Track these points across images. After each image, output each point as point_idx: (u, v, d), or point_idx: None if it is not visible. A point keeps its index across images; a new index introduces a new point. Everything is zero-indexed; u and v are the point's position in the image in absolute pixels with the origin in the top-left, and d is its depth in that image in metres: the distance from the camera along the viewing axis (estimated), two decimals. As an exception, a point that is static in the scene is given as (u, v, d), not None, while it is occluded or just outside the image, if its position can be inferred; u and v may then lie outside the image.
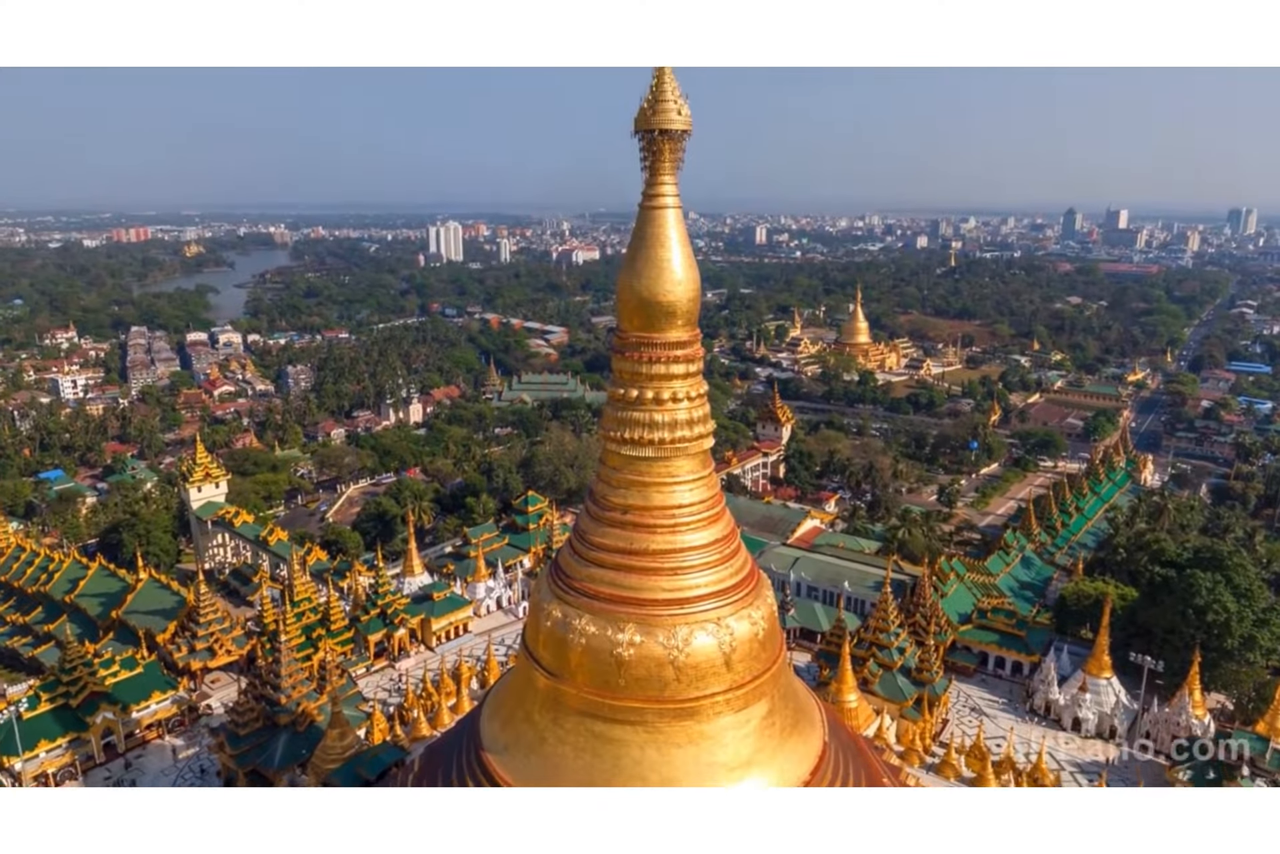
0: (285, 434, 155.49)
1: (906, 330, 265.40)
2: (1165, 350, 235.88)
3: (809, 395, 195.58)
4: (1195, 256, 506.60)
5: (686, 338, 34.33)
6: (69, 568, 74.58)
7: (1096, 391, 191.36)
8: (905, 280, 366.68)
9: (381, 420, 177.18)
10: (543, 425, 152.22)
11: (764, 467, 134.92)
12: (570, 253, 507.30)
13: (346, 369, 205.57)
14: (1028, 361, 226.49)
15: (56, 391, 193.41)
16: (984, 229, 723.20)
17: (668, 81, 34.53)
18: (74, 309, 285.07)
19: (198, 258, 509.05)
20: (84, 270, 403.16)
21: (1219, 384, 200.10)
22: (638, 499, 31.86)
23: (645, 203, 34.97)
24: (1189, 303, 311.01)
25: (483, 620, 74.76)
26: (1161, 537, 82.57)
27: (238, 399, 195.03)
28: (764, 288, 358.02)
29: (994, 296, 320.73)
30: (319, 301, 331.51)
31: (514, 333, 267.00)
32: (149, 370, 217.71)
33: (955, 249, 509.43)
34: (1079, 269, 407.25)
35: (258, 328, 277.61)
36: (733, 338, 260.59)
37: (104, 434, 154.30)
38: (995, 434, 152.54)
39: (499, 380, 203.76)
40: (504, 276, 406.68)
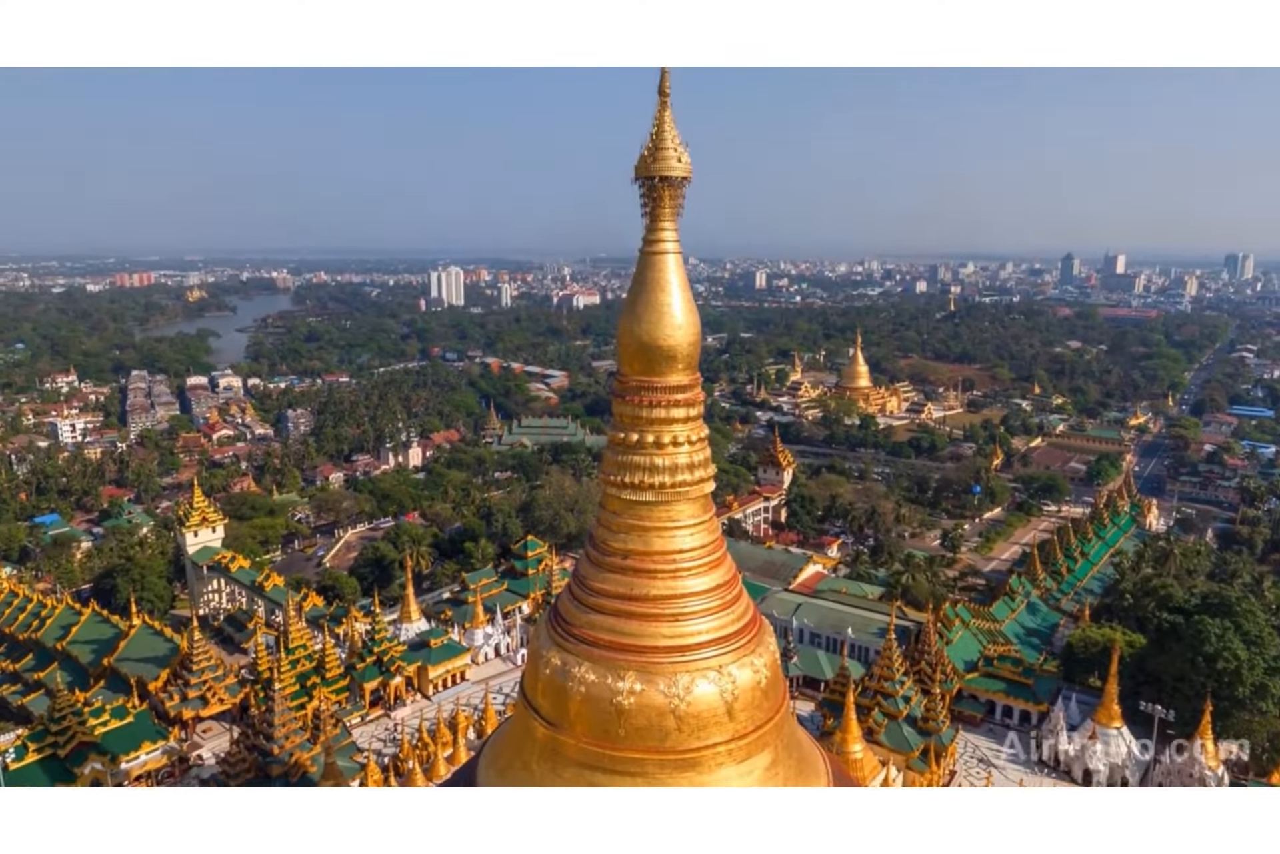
0: (283, 478, 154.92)
1: (907, 374, 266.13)
2: (1166, 394, 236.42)
3: (810, 439, 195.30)
4: (1194, 301, 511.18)
5: (687, 382, 34.19)
6: (61, 614, 73.60)
7: (1099, 435, 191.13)
8: (905, 324, 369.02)
9: (381, 464, 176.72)
10: (543, 469, 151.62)
11: (765, 511, 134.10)
12: (571, 297, 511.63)
13: (346, 413, 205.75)
14: (1029, 405, 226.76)
15: (55, 435, 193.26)
16: (982, 274, 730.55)
17: (668, 129, 34.95)
18: (75, 353, 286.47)
19: (200, 302, 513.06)
20: (86, 314, 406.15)
21: (1221, 428, 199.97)
22: (638, 544, 31.41)
23: (645, 248, 35.09)
24: (1189, 347, 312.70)
25: (480, 668, 73.51)
26: (1169, 582, 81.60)
27: (236, 443, 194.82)
28: (764, 332, 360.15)
29: (994, 341, 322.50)
30: (320, 346, 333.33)
31: (514, 377, 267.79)
32: (148, 414, 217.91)
33: (954, 293, 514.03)
34: (1078, 313, 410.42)
35: (258, 372, 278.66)
36: (733, 382, 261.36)
37: (101, 478, 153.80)
38: (998, 478, 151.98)
39: (499, 424, 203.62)
40: (505, 321, 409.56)
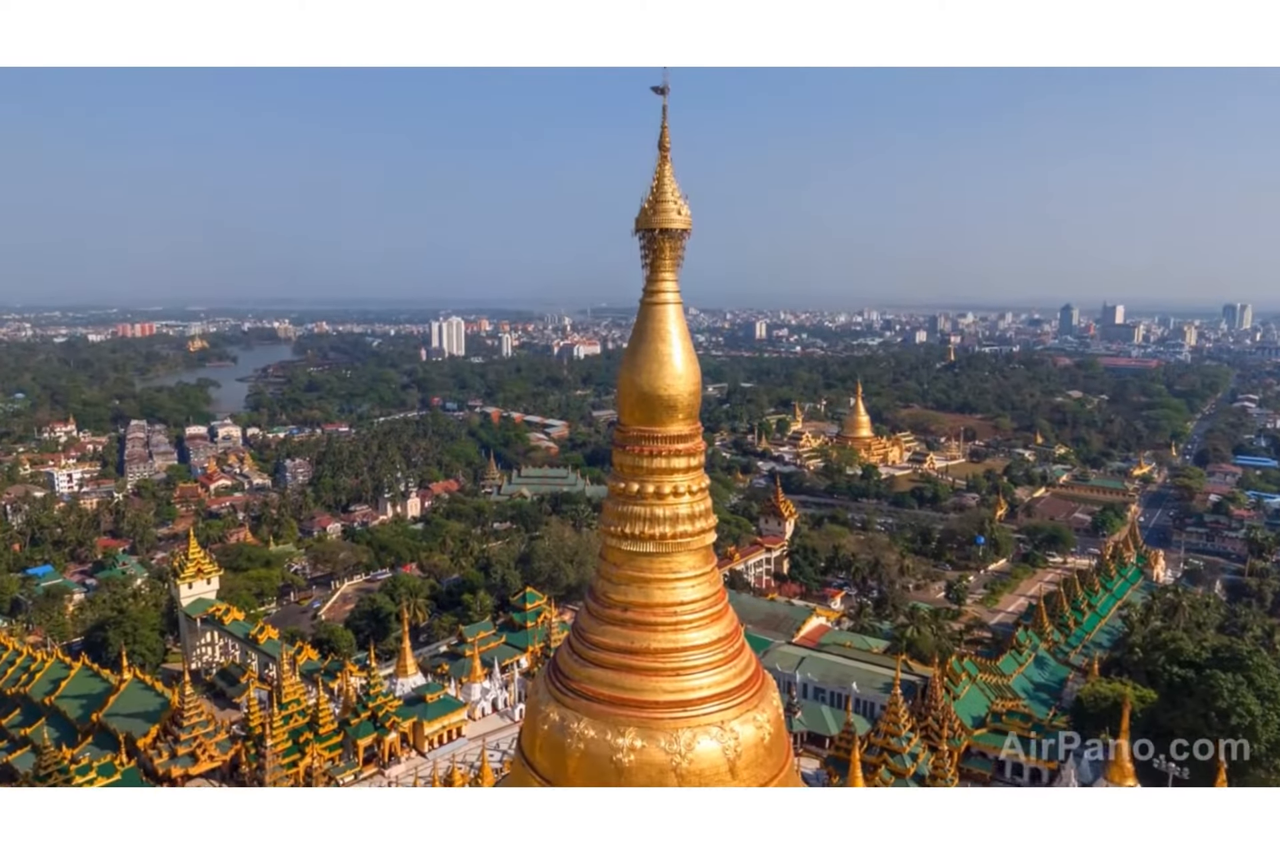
0: (280, 529, 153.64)
1: (908, 424, 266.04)
2: (1169, 444, 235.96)
3: (812, 489, 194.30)
4: (1193, 351, 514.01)
5: (688, 431, 33.87)
6: (51, 668, 72.18)
7: (1103, 486, 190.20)
8: (905, 374, 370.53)
9: (379, 515, 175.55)
10: (542, 520, 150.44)
11: (767, 562, 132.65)
12: (572, 347, 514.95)
13: (345, 463, 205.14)
14: (1031, 455, 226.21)
15: (52, 485, 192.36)
16: (982, 324, 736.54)
17: (668, 182, 35.27)
18: (75, 403, 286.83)
19: (201, 352, 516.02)
20: (87, 364, 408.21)
21: (1226, 478, 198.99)
22: (639, 596, 30.76)
23: (646, 299, 35.10)
24: (1190, 397, 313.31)
25: (477, 724, 71.75)
26: (1178, 635, 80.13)
27: (234, 493, 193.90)
28: (765, 382, 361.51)
29: (995, 390, 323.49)
30: (320, 395, 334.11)
31: (515, 426, 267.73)
32: (146, 464, 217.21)
33: (954, 344, 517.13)
34: (1078, 363, 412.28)
35: (258, 421, 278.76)
36: (734, 431, 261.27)
37: (96, 528, 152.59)
38: (1002, 529, 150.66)
39: (499, 474, 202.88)
40: (505, 371, 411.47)
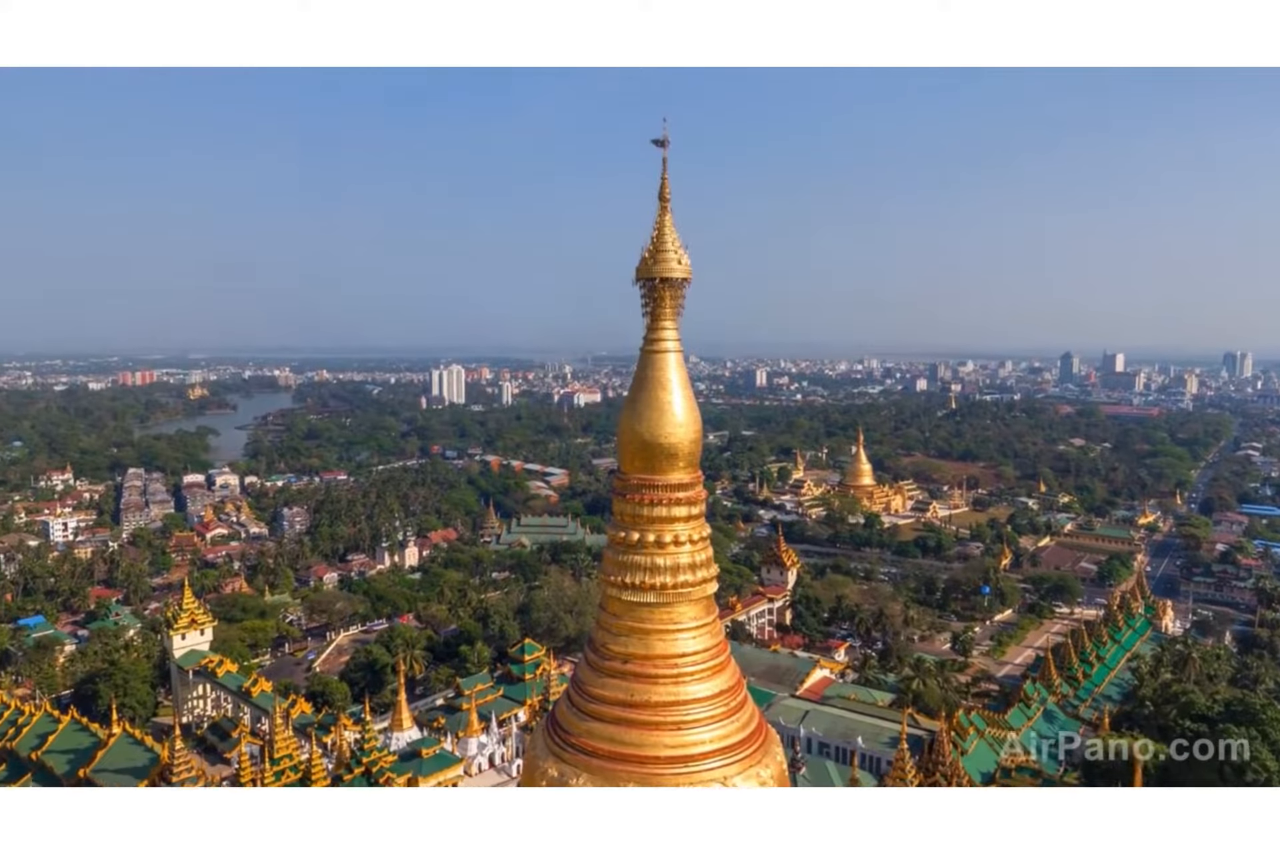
0: (276, 578, 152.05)
1: (910, 472, 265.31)
2: (1174, 493, 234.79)
3: (814, 538, 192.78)
4: (1195, 399, 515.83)
5: (688, 480, 33.53)
6: (39, 721, 70.63)
7: (1108, 535, 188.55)
8: (906, 422, 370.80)
9: (376, 564, 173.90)
10: (541, 569, 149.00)
11: (770, 613, 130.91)
12: (572, 395, 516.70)
13: (343, 511, 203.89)
14: (1035, 504, 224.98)
15: (47, 534, 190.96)
16: (982, 372, 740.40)
17: (668, 232, 35.51)
18: (73, 450, 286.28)
19: (201, 400, 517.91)
20: (87, 412, 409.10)
21: (1232, 527, 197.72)
22: (639, 648, 30.08)
23: (646, 347, 35.06)
24: (1193, 445, 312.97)
25: (474, 779, 69.93)
26: (1190, 688, 78.58)
27: (230, 542, 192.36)
28: (765, 430, 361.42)
29: (997, 439, 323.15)
30: (319, 443, 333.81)
31: (514, 475, 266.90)
32: (143, 512, 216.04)
33: (955, 392, 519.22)
34: (1080, 411, 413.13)
35: (256, 470, 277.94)
36: (735, 480, 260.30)
37: (90, 578, 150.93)
38: (1007, 578, 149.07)
39: (498, 523, 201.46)
40: (505, 419, 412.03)
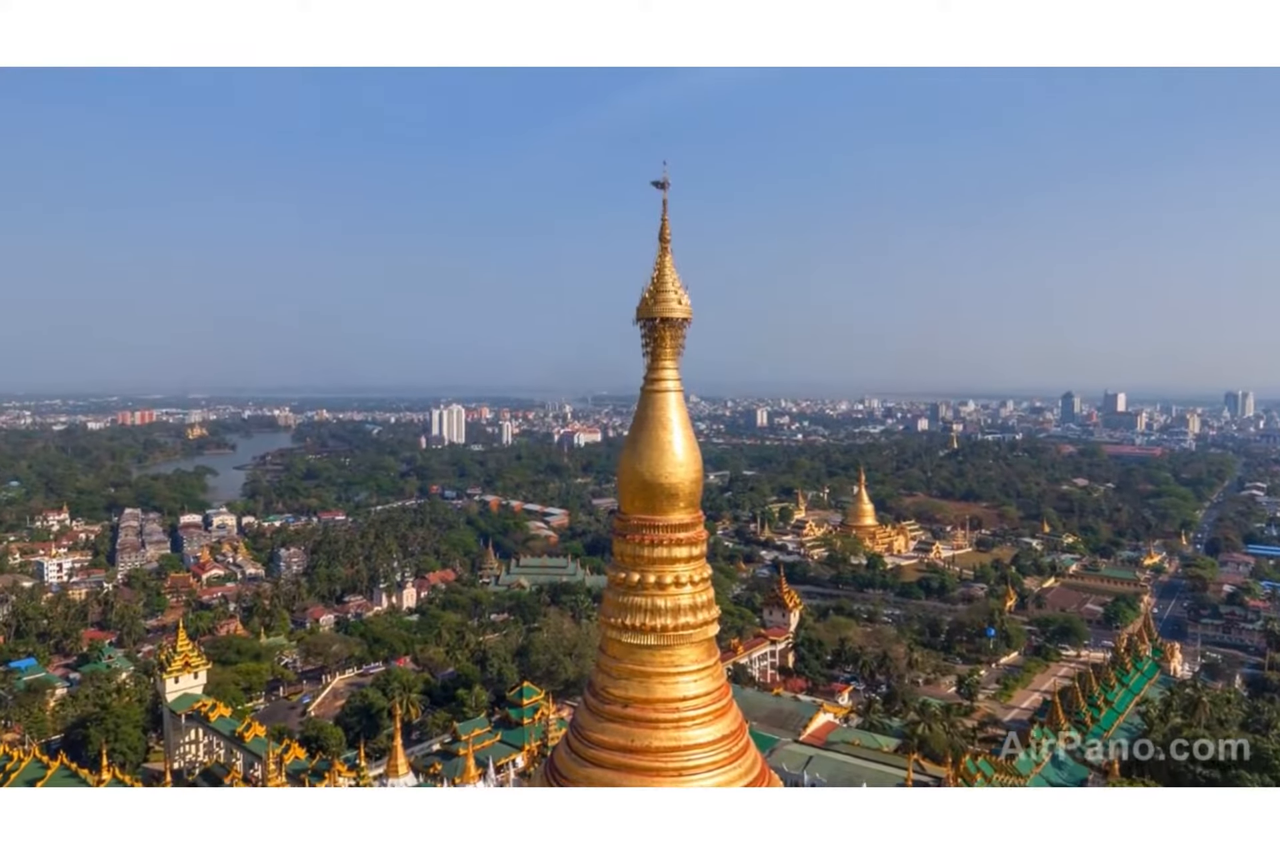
0: (272, 620, 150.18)
1: (913, 512, 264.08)
2: (1179, 533, 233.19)
3: (816, 579, 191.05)
4: (1197, 439, 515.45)
5: (689, 520, 33.20)
6: (28, 767, 69.20)
7: (1113, 576, 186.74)
8: (908, 462, 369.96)
9: (373, 606, 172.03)
10: (541, 611, 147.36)
11: (772, 655, 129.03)
12: (572, 435, 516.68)
13: (341, 552, 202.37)
14: (1039, 544, 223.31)
15: (41, 575, 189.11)
16: (983, 412, 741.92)
17: (668, 272, 35.57)
18: (70, 491, 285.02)
19: (200, 440, 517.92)
20: (85, 452, 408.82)
21: (1239, 568, 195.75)
22: (639, 691, 29.48)
23: (647, 386, 34.93)
24: (1197, 485, 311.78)
25: (469, 830, 67.90)
26: (1200, 733, 76.89)
27: (226, 583, 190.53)
28: (767, 470, 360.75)
29: (999, 478, 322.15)
30: (318, 483, 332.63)
31: (514, 515, 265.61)
32: (138, 553, 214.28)
33: (956, 431, 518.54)
34: (1082, 451, 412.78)
35: (253, 510, 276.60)
36: (736, 520, 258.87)
37: (84, 620, 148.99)
38: (1012, 620, 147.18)
39: (497, 564, 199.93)
40: (505, 458, 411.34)
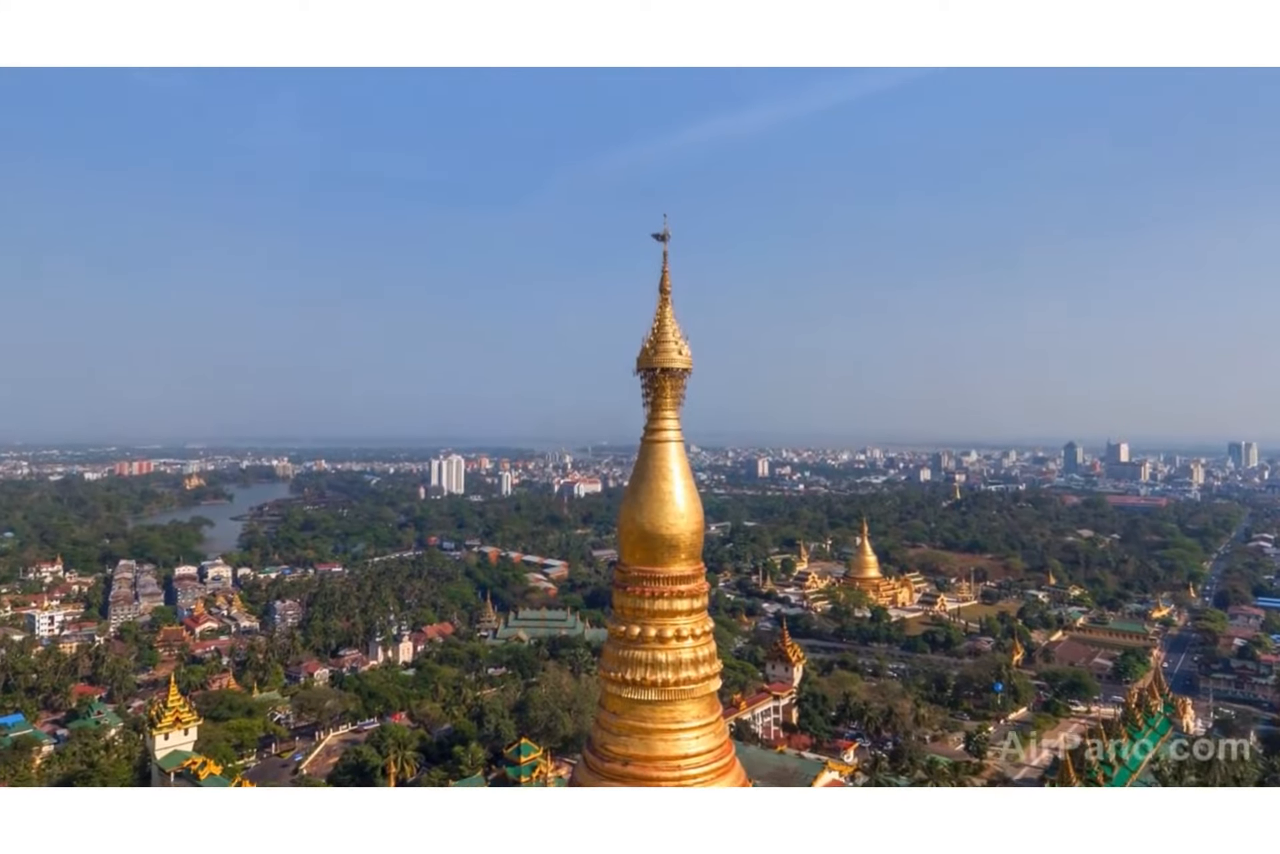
0: (265, 674, 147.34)
1: (917, 564, 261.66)
2: (1187, 585, 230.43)
3: (820, 633, 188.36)
4: (1202, 489, 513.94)
5: (690, 572, 32.65)
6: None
7: (1122, 629, 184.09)
8: (911, 513, 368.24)
9: (369, 660, 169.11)
10: (539, 665, 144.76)
11: (775, 711, 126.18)
12: (572, 485, 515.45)
13: (337, 604, 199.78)
14: (1045, 597, 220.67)
15: (32, 628, 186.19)
16: (986, 462, 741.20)
17: (669, 323, 35.48)
18: (64, 542, 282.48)
19: (197, 490, 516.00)
20: (81, 503, 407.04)
21: (1249, 621, 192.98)
22: (640, 748, 28.51)
23: (647, 436, 34.54)
24: (1203, 536, 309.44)
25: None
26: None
27: (220, 636, 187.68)
28: (768, 520, 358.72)
29: (1003, 529, 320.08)
30: (315, 534, 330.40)
31: (513, 566, 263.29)
32: (132, 606, 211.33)
33: (959, 482, 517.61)
34: (1086, 502, 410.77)
35: (249, 561, 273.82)
36: (738, 572, 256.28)
37: (74, 674, 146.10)
38: (1020, 675, 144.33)
39: (495, 616, 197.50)
40: (505, 509, 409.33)
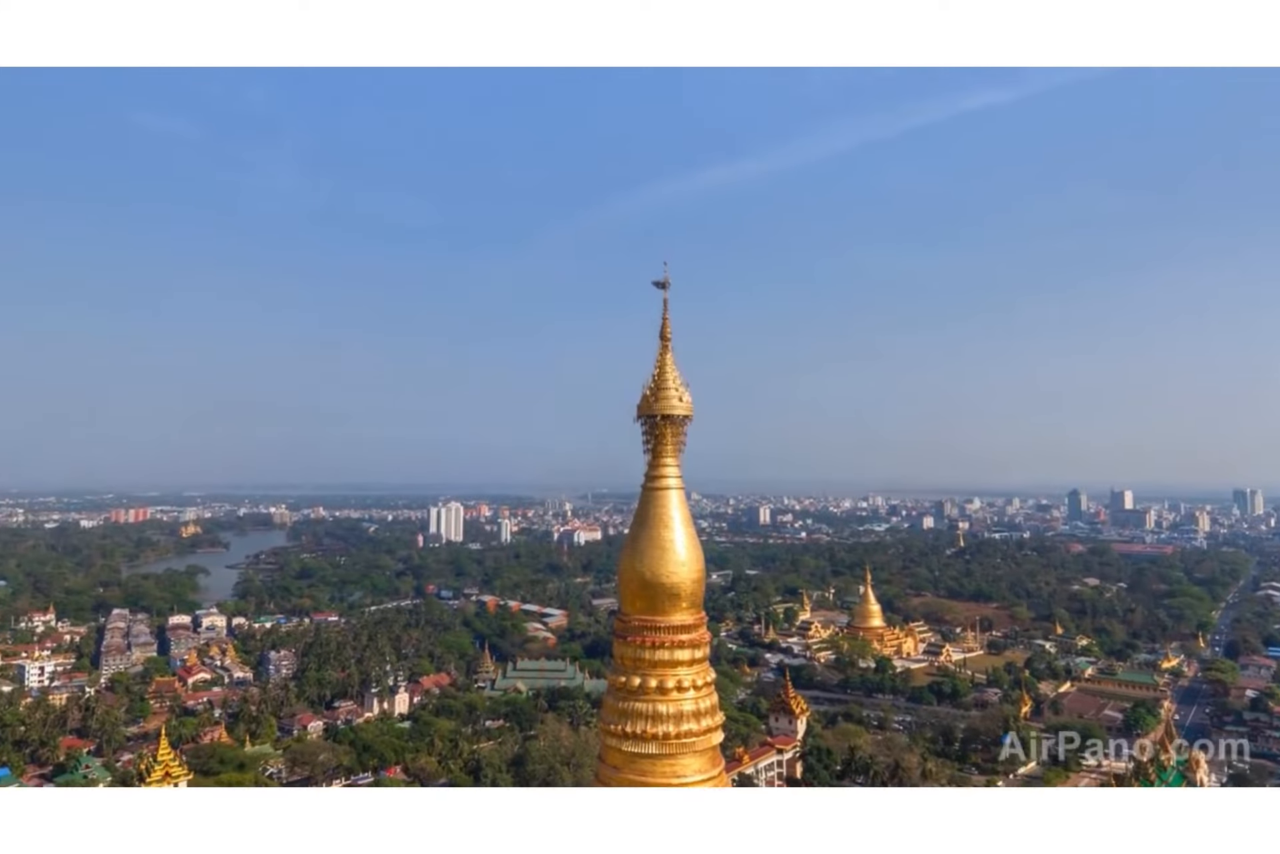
0: (258, 727, 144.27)
1: (921, 613, 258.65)
2: (1196, 635, 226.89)
3: (823, 684, 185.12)
4: (1208, 537, 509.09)
5: (691, 621, 31.97)
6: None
7: (1131, 680, 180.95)
8: (915, 561, 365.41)
9: (364, 711, 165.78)
10: (538, 717, 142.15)
11: (779, 765, 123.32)
12: (572, 533, 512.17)
13: (332, 654, 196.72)
14: (1052, 647, 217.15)
15: (21, 679, 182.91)
16: (989, 509, 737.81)
17: (669, 370, 35.19)
18: (57, 590, 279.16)
19: (193, 538, 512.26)
20: (76, 551, 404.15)
21: (1260, 671, 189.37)
22: (639, 810, 27.04)
23: (648, 484, 34.03)
24: (1211, 585, 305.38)
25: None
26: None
27: (213, 687, 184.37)
28: (770, 569, 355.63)
29: (1008, 578, 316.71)
30: (311, 583, 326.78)
31: (511, 615, 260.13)
32: (124, 656, 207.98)
33: (962, 529, 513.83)
34: (1091, 550, 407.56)
35: (244, 610, 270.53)
36: (740, 621, 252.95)
37: (63, 727, 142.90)
38: (1029, 727, 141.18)
39: (493, 667, 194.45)
40: (504, 557, 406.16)
